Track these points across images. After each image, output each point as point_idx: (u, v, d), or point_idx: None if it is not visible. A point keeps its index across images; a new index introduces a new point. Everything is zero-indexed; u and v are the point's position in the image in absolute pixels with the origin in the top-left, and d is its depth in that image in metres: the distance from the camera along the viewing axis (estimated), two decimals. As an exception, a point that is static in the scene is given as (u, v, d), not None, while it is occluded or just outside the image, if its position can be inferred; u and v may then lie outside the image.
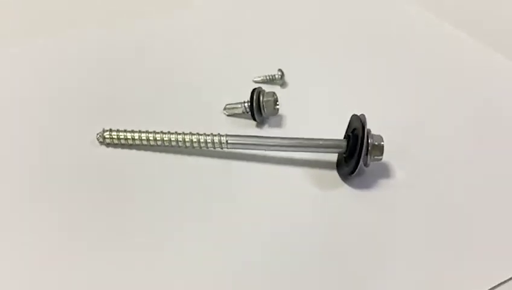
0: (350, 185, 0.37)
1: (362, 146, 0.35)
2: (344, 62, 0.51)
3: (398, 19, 0.60)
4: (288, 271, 0.31)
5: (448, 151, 0.41)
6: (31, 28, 0.56)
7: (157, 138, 0.37)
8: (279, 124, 0.43)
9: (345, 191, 0.37)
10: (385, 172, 0.38)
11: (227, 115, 0.43)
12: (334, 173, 0.39)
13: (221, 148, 0.38)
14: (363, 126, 0.36)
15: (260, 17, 0.59)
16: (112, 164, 0.37)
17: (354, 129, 0.37)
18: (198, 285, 0.30)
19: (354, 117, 0.38)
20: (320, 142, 0.37)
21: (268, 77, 0.47)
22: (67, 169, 0.37)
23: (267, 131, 0.42)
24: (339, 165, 0.39)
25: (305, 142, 0.37)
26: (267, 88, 0.45)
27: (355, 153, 0.35)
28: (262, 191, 0.37)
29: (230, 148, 0.38)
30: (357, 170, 0.36)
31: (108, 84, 0.46)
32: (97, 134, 0.38)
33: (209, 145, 0.37)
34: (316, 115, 0.44)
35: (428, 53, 0.54)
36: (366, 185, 0.37)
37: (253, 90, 0.41)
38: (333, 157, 0.39)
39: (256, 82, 0.47)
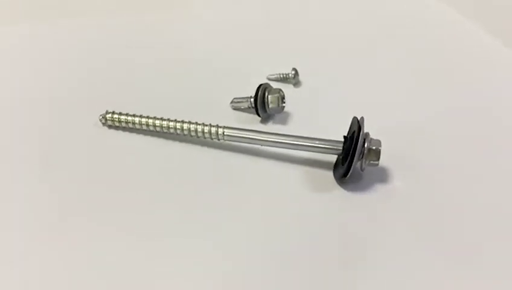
0: (345, 188, 0.37)
1: (356, 149, 0.34)
2: (360, 65, 0.51)
3: (425, 18, 0.60)
4: (272, 270, 0.31)
5: (451, 160, 0.39)
6: (41, 10, 0.59)
7: (157, 124, 0.38)
8: (284, 122, 0.43)
9: (338, 194, 0.36)
10: (383, 178, 0.37)
11: (233, 109, 0.43)
12: (331, 175, 0.38)
13: (218, 139, 0.38)
14: (359, 129, 0.35)
15: (282, 15, 0.60)
16: (110, 145, 0.39)
17: (354, 132, 0.37)
18: (178, 272, 0.31)
19: (355, 119, 0.37)
20: (317, 142, 0.37)
21: (282, 75, 0.47)
22: (68, 146, 0.39)
23: (270, 127, 0.42)
24: (335, 167, 0.38)
25: (302, 141, 0.37)
26: (280, 86, 0.45)
27: (349, 156, 0.35)
28: (254, 187, 0.37)
29: (226, 140, 0.38)
30: (349, 173, 0.35)
31: (122, 71, 0.48)
32: (100, 115, 0.39)
33: (206, 135, 0.38)
34: (324, 116, 0.44)
35: (445, 55, 0.53)
36: (360, 189, 0.37)
37: (259, 85, 0.41)
38: (333, 158, 0.39)
39: (270, 79, 0.48)
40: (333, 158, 0.39)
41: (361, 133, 0.35)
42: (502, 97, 0.47)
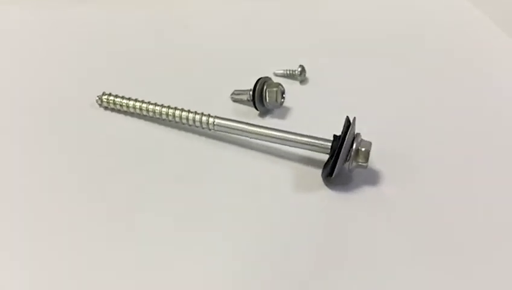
0: (332, 189, 0.36)
1: (341, 149, 0.34)
2: (368, 66, 0.49)
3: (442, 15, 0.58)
4: (249, 269, 0.31)
5: (449, 166, 0.38)
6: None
7: (149, 109, 0.39)
8: (282, 117, 0.42)
9: (323, 194, 0.35)
10: (374, 181, 0.36)
11: (233, 101, 0.43)
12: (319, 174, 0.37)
13: (209, 129, 0.38)
14: (347, 129, 0.34)
15: (295, 12, 0.59)
16: (102, 126, 0.40)
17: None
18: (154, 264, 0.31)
19: (346, 119, 0.36)
20: (305, 139, 0.36)
21: (288, 72, 0.47)
22: (61, 124, 0.40)
23: (266, 122, 0.42)
24: (324, 167, 0.37)
25: (290, 136, 0.36)
26: (286, 83, 0.45)
27: (334, 156, 0.34)
28: (239, 180, 0.36)
29: (216, 130, 0.38)
30: (334, 174, 0.34)
31: (127, 56, 0.49)
32: (97, 96, 0.40)
33: (197, 123, 0.38)
34: (326, 115, 0.42)
35: (455, 55, 0.52)
36: (347, 191, 0.36)
37: (259, 79, 0.41)
38: (325, 157, 0.38)
39: (276, 75, 0.47)
40: (325, 157, 0.38)
41: (348, 132, 0.34)
42: (503, 97, 0.45)
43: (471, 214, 0.34)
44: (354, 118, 0.36)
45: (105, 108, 0.41)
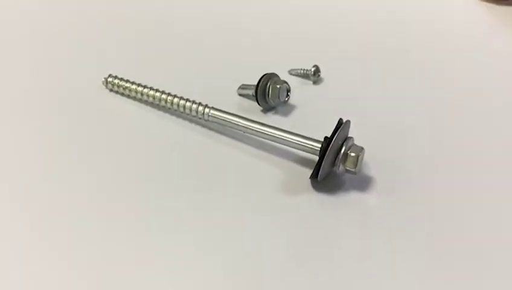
0: (320, 191, 0.35)
1: (326, 151, 0.33)
2: (387, 72, 0.47)
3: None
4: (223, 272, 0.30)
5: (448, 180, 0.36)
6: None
7: (150, 94, 0.39)
8: (285, 115, 0.42)
9: (308, 196, 0.34)
10: (366, 187, 0.35)
11: (239, 95, 0.43)
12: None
13: (204, 119, 0.38)
14: (335, 131, 0.33)
15: (319, 14, 0.57)
16: (106, 107, 0.41)
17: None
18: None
19: (340, 121, 0.35)
20: (296, 138, 0.35)
21: (302, 71, 0.46)
22: (66, 104, 0.42)
23: (267, 118, 0.41)
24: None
25: (281, 134, 0.36)
26: (300, 82, 0.44)
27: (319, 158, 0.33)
28: (226, 174, 0.36)
29: (211, 120, 0.38)
30: (318, 176, 0.33)
31: (143, 39, 0.51)
32: (103, 78, 0.42)
33: (193, 113, 0.38)
34: (331, 117, 0.40)
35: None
36: (333, 195, 0.34)
37: (264, 75, 0.41)
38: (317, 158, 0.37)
39: (291, 74, 0.46)
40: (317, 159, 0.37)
41: (336, 135, 0.33)
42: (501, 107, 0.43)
43: (463, 229, 0.32)
44: (347, 121, 0.34)
45: (110, 90, 0.42)
